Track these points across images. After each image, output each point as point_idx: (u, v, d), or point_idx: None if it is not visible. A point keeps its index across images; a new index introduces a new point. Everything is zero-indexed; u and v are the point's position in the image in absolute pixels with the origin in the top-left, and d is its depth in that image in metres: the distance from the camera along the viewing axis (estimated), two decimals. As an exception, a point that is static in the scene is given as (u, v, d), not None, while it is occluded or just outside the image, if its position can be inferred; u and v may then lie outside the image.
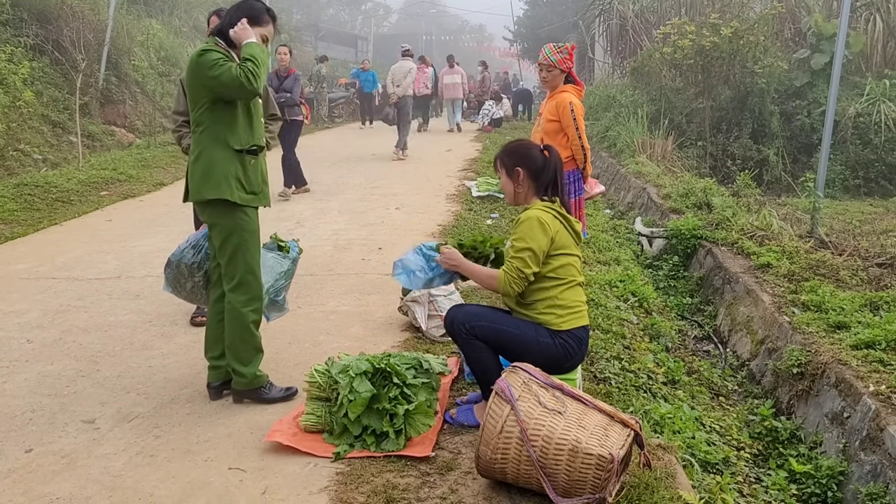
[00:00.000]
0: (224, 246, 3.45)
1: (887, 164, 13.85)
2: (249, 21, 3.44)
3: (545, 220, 3.10)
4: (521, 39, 36.99)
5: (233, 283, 3.48)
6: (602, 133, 14.96)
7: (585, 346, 3.24)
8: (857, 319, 4.95)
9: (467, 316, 3.18)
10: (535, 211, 3.15)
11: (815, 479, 3.93)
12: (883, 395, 3.96)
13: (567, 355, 3.13)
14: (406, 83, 13.50)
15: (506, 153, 3.33)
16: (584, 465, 2.57)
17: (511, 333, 3.13)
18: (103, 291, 5.45)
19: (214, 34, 3.51)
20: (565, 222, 3.19)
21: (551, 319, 3.12)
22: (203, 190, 3.40)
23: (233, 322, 3.50)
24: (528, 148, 3.31)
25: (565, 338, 3.13)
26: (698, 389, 4.87)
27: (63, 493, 2.86)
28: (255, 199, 3.51)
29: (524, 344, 3.10)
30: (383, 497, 2.75)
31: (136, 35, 15.96)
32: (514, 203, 3.33)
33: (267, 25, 3.54)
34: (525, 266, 3.06)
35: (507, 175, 3.28)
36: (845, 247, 6.99)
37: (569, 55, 4.82)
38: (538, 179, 3.23)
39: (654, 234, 8.20)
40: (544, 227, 3.08)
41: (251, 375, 3.55)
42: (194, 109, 3.42)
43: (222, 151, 3.40)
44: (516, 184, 3.26)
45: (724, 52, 13.71)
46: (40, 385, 3.86)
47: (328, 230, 7.49)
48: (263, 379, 3.60)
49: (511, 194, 3.31)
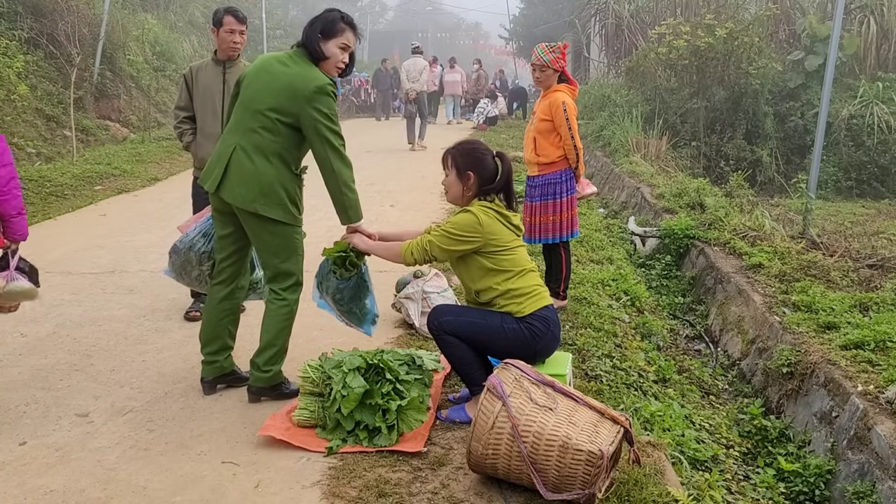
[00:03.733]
0: (278, 252, 3.45)
1: (880, 166, 13.93)
2: (323, 35, 3.34)
3: (483, 222, 3.18)
4: (516, 38, 37.01)
5: (289, 281, 3.50)
6: (597, 132, 14.99)
7: (554, 325, 3.29)
8: (846, 320, 4.99)
9: (436, 313, 3.30)
10: (475, 208, 3.23)
11: (804, 477, 3.97)
12: (871, 394, 4.00)
13: (535, 336, 3.20)
14: (423, 79, 14.64)
15: (460, 153, 3.35)
16: (574, 461, 2.59)
17: (477, 324, 3.21)
18: (97, 286, 5.46)
19: (301, 47, 3.40)
20: (503, 219, 3.26)
21: (513, 308, 3.21)
22: (267, 207, 3.35)
23: (285, 320, 3.52)
24: (483, 154, 3.34)
25: (529, 321, 3.21)
26: (689, 388, 4.91)
27: (57, 485, 2.87)
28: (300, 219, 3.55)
29: (491, 332, 3.19)
30: (375, 491, 2.78)
31: (132, 30, 15.92)
32: (456, 203, 3.40)
33: (342, 34, 3.38)
34: (436, 240, 3.21)
35: (456, 175, 3.32)
36: (836, 248, 7.04)
37: (561, 54, 4.84)
38: (484, 187, 3.29)
39: (647, 234, 8.24)
40: (478, 226, 3.17)
41: (277, 371, 3.56)
42: (273, 114, 3.30)
43: (288, 173, 3.42)
44: (465, 186, 3.30)
45: (719, 53, 13.77)
46: (34, 378, 3.87)
47: (322, 227, 7.49)
48: (282, 374, 3.61)
49: (457, 195, 3.35)
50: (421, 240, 3.30)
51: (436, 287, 4.58)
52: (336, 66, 3.41)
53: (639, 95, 15.38)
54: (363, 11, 52.96)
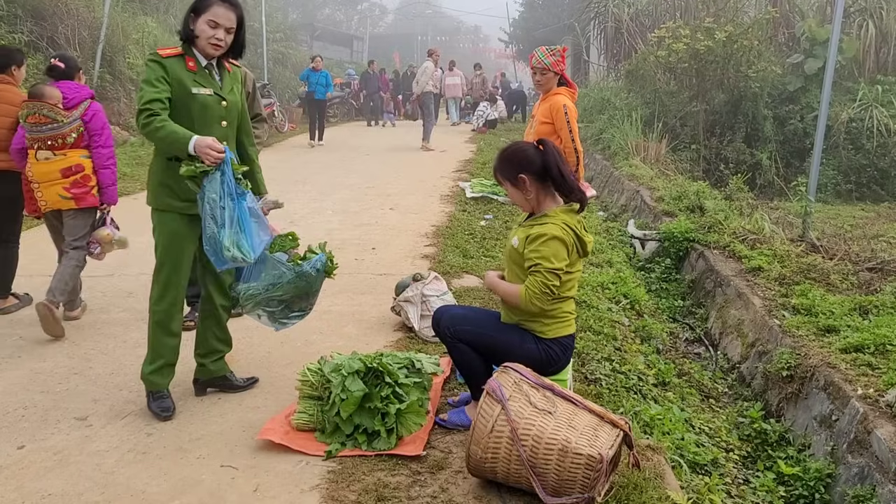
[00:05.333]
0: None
1: (879, 169, 13.93)
2: (194, 12, 3.23)
3: (567, 241, 3.00)
4: (516, 41, 37.07)
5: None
6: (596, 135, 15.00)
7: (570, 351, 3.26)
8: (846, 323, 4.98)
9: (452, 319, 3.21)
10: (556, 229, 2.99)
11: (804, 481, 3.97)
12: (871, 398, 3.99)
13: (550, 361, 3.15)
14: (423, 81, 15.21)
15: (503, 163, 3.16)
16: (573, 464, 2.59)
17: (495, 339, 3.15)
18: (96, 289, 5.45)
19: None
20: (578, 242, 3.07)
21: (537, 327, 3.14)
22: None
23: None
24: (523, 151, 3.13)
25: (550, 345, 3.14)
26: (688, 391, 4.90)
27: (55, 489, 2.87)
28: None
29: (508, 348, 3.10)
30: (374, 495, 2.77)
31: (131, 33, 15.93)
32: (532, 211, 3.16)
33: (209, 9, 3.21)
34: (550, 280, 2.96)
35: (512, 185, 3.13)
36: (836, 251, 7.03)
37: (561, 58, 4.84)
38: (544, 179, 3.08)
39: (646, 237, 8.24)
40: (567, 248, 3.00)
41: (142, 374, 3.50)
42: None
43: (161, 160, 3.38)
44: (525, 191, 3.10)
45: (719, 56, 13.78)
46: (32, 382, 3.86)
47: (322, 230, 7.50)
48: (153, 385, 3.50)
49: (524, 203, 3.15)
50: (531, 283, 2.98)
51: (435, 290, 4.57)
52: (209, 43, 3.23)
53: (638, 98, 15.40)
54: (363, 15, 53.08)
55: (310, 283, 3.49)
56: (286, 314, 3.52)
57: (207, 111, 3.31)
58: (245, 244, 3.13)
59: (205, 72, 3.31)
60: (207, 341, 3.64)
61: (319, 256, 3.52)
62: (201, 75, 3.30)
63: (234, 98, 3.43)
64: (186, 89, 3.24)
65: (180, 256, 3.41)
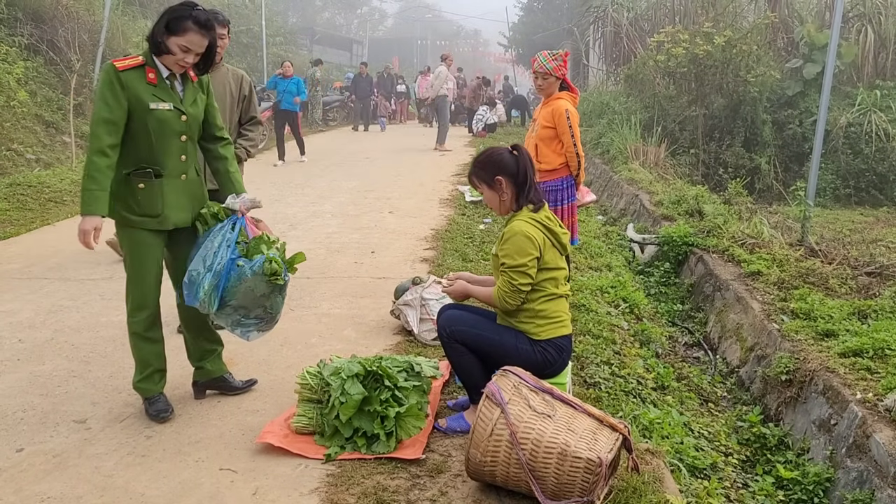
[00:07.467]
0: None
1: (878, 173, 13.96)
2: (168, 30, 3.13)
3: (531, 235, 3.08)
4: (515, 45, 37.11)
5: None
6: (595, 139, 15.03)
7: (567, 353, 3.27)
8: (845, 327, 4.99)
9: (450, 320, 3.25)
10: (521, 224, 3.11)
11: (802, 485, 3.97)
12: (869, 402, 4.00)
13: (546, 363, 3.17)
14: (437, 85, 15.92)
15: (480, 166, 3.25)
16: (572, 468, 2.59)
17: (491, 339, 3.17)
18: (95, 292, 5.45)
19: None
20: (551, 235, 3.16)
21: (530, 329, 3.17)
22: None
23: None
24: (499, 154, 3.23)
25: (544, 346, 3.16)
26: (687, 395, 4.90)
27: (54, 492, 2.87)
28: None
29: (503, 350, 3.14)
30: (374, 498, 2.77)
31: (132, 36, 15.94)
32: (504, 213, 3.28)
33: (185, 35, 3.13)
34: (515, 279, 3.05)
35: (488, 188, 3.23)
36: (835, 255, 7.04)
37: (563, 62, 4.86)
38: (517, 182, 3.18)
39: (645, 241, 8.25)
40: (532, 241, 3.07)
41: (133, 384, 3.51)
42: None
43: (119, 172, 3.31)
44: (500, 193, 3.20)
45: (717, 61, 13.81)
46: (32, 385, 3.86)
47: (321, 233, 7.51)
48: (146, 392, 3.50)
49: (498, 205, 3.25)
50: (500, 282, 3.10)
51: (434, 294, 4.57)
52: (177, 63, 3.18)
53: (637, 103, 15.43)
54: (362, 18, 53.10)
55: (251, 287, 3.25)
56: (245, 315, 3.35)
57: (165, 126, 3.23)
58: (214, 299, 3.21)
59: (165, 83, 3.23)
60: (196, 345, 3.64)
61: (259, 259, 3.25)
62: (161, 88, 3.21)
63: (196, 111, 3.35)
64: (144, 105, 3.16)
65: (147, 265, 3.36)
